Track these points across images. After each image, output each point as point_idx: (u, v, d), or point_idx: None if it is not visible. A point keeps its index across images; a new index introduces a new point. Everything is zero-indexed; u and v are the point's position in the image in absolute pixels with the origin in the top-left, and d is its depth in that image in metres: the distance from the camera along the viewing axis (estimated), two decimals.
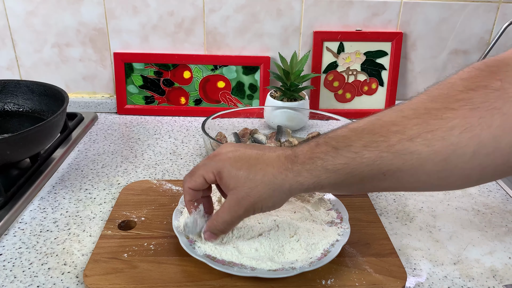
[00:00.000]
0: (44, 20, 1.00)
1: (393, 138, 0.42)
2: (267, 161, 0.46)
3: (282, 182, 0.46)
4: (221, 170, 0.48)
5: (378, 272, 0.54)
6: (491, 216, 0.70)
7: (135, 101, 1.06)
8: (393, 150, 0.42)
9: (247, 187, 0.46)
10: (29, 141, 0.70)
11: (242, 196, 0.47)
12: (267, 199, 0.47)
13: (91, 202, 0.71)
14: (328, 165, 0.44)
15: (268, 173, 0.46)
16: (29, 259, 0.58)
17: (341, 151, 0.44)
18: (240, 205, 0.48)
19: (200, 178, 0.50)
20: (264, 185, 0.46)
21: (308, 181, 0.45)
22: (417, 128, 0.42)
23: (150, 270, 0.54)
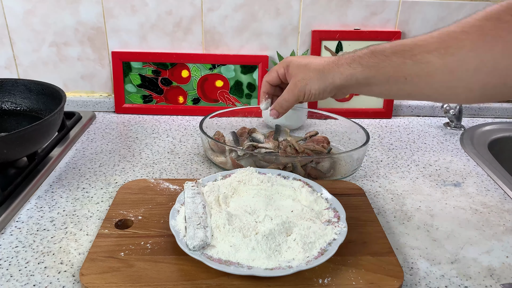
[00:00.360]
0: (43, 19, 1.00)
1: (416, 50, 0.53)
2: (321, 59, 0.62)
3: (328, 70, 0.60)
4: (289, 64, 0.65)
5: (375, 271, 0.54)
6: (489, 215, 0.70)
7: (133, 100, 1.06)
8: (414, 58, 0.53)
9: (303, 73, 0.62)
10: (26, 140, 0.70)
11: (298, 79, 0.63)
12: (315, 83, 0.61)
13: (88, 201, 0.70)
14: (363, 61, 0.57)
15: (319, 65, 0.61)
16: (25, 258, 0.57)
17: (376, 53, 0.56)
18: (296, 85, 0.63)
19: (274, 72, 0.67)
20: (315, 71, 0.61)
21: (347, 71, 0.58)
22: (435, 44, 0.52)
23: (147, 269, 0.53)
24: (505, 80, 0.50)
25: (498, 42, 0.49)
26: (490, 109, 1.10)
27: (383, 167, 0.83)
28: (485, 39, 0.49)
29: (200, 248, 0.53)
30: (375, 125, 1.03)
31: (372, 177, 0.80)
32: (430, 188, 0.77)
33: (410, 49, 0.53)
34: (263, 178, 0.68)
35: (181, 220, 0.59)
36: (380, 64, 0.55)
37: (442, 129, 1.02)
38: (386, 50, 0.55)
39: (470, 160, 0.87)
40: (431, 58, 0.52)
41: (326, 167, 0.78)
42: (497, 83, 0.51)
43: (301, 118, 0.98)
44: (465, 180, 0.80)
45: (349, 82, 0.58)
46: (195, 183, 0.67)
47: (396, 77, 0.54)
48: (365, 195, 0.71)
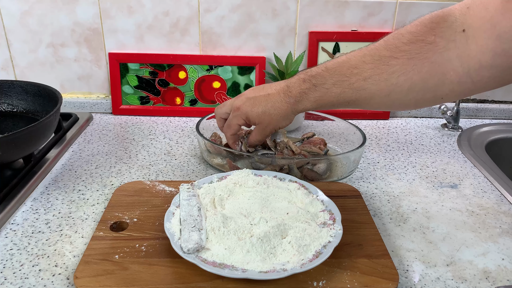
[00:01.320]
0: (39, 20, 1.00)
1: (353, 78, 0.60)
2: (273, 98, 0.69)
3: (286, 109, 0.68)
4: (247, 116, 0.71)
5: (370, 273, 0.54)
6: (485, 217, 0.69)
7: (130, 102, 1.06)
8: (352, 87, 0.60)
9: (267, 120, 0.70)
10: (21, 142, 0.70)
11: (265, 125, 0.71)
12: (281, 121, 0.70)
13: (84, 203, 0.70)
14: (310, 97, 0.65)
15: (277, 107, 0.68)
16: (20, 260, 0.57)
17: (318, 87, 0.64)
18: (265, 129, 0.72)
19: (236, 126, 0.73)
20: (277, 115, 0.69)
21: (300, 107, 0.67)
22: (369, 71, 0.58)
23: (141, 272, 0.53)
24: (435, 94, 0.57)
25: (424, 64, 0.55)
26: (487, 110, 1.10)
27: (379, 169, 0.83)
28: (413, 63, 0.55)
29: (195, 251, 0.53)
30: (372, 126, 1.03)
31: (369, 178, 0.80)
32: (426, 189, 0.77)
33: (348, 78, 0.60)
34: (259, 180, 0.68)
35: (176, 223, 0.59)
36: (324, 97, 0.63)
37: (439, 130, 1.02)
38: (327, 82, 0.62)
39: (467, 162, 0.87)
40: (367, 86, 0.58)
41: (322, 169, 0.77)
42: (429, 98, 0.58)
43: (298, 120, 0.97)
44: (461, 182, 0.80)
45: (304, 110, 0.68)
46: (190, 185, 0.66)
47: (340, 103, 0.63)
48: (361, 196, 0.71)
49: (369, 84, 0.58)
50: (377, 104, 0.61)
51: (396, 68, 0.56)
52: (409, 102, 0.59)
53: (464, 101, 1.10)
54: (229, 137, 0.75)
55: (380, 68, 0.57)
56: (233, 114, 0.72)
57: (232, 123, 0.73)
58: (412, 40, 0.55)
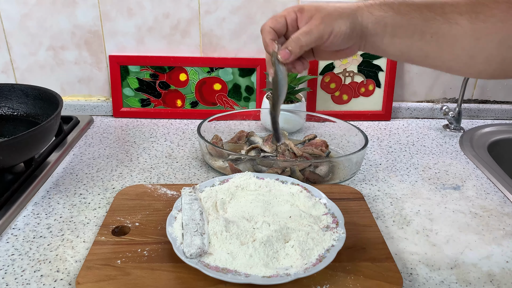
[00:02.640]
0: (39, 23, 1.00)
1: (447, 8, 0.51)
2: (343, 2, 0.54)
3: (357, 9, 0.53)
4: (302, 7, 0.54)
5: (374, 277, 0.54)
6: (489, 219, 0.69)
7: (131, 104, 1.06)
8: (445, 16, 0.50)
9: (330, 9, 0.52)
10: (22, 146, 0.70)
11: (325, 14, 0.52)
12: (345, 20, 0.52)
13: (85, 207, 0.70)
14: (395, 7, 0.52)
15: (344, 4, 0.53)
16: (21, 266, 0.57)
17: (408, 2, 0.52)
18: (323, 21, 0.52)
19: (282, 18, 0.54)
20: (342, 8, 0.53)
21: (377, 12, 0.52)
22: (466, 7, 0.50)
23: (144, 277, 0.53)
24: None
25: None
26: (489, 111, 1.10)
27: (382, 171, 0.83)
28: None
29: (197, 256, 0.53)
30: (373, 128, 1.03)
31: (371, 180, 0.79)
32: (429, 191, 0.76)
33: (441, 6, 0.51)
34: (261, 183, 0.68)
35: (178, 227, 0.58)
36: (411, 14, 0.51)
37: (441, 131, 1.02)
38: (416, 1, 0.52)
39: (469, 163, 0.87)
40: (461, 20, 0.50)
41: (324, 171, 0.77)
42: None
43: (299, 121, 0.97)
44: (464, 183, 0.79)
45: (377, 26, 0.52)
46: (192, 189, 0.66)
47: (423, 31, 0.51)
48: (364, 199, 0.70)
49: (463, 19, 0.49)
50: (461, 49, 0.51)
51: (496, 12, 0.49)
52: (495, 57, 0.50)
53: (465, 102, 1.10)
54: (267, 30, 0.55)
55: (478, 7, 0.49)
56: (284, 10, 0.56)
57: (278, 15, 0.55)
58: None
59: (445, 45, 0.51)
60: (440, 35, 0.51)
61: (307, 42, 0.53)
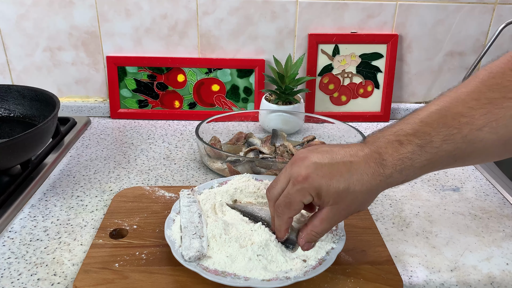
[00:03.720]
0: (36, 24, 0.99)
1: (465, 129, 0.47)
2: (360, 169, 0.49)
3: (377, 187, 0.49)
4: (319, 191, 0.49)
5: (374, 280, 0.53)
6: (488, 220, 0.69)
7: (129, 105, 1.05)
8: (466, 140, 0.47)
9: (348, 200, 0.49)
10: (18, 148, 0.69)
11: (343, 208, 0.50)
12: (364, 204, 0.51)
13: (82, 209, 0.69)
14: (416, 163, 0.48)
15: (365, 182, 0.48)
16: (18, 269, 0.56)
17: (425, 148, 0.47)
18: (340, 215, 0.51)
19: (299, 204, 0.51)
20: (362, 194, 0.49)
21: (398, 180, 0.49)
22: (483, 118, 0.46)
23: (142, 281, 0.52)
24: None
25: None
26: None
27: None
28: None
29: (196, 259, 0.53)
30: (372, 129, 1.02)
31: None
32: (428, 193, 0.76)
33: (458, 130, 0.47)
34: (260, 185, 0.67)
35: (177, 230, 0.58)
36: (433, 159, 0.48)
37: None
38: (434, 139, 0.47)
39: None
40: (484, 135, 0.46)
41: None
42: None
43: (298, 123, 0.97)
44: (463, 185, 0.79)
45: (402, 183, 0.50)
46: (191, 191, 0.66)
47: (448, 162, 0.49)
48: None
49: (485, 134, 0.46)
50: (490, 155, 0.49)
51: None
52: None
53: None
54: (285, 220, 0.52)
55: (495, 113, 0.46)
56: (296, 187, 0.49)
57: (295, 199, 0.50)
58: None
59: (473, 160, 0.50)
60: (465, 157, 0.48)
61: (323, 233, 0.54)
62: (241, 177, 0.69)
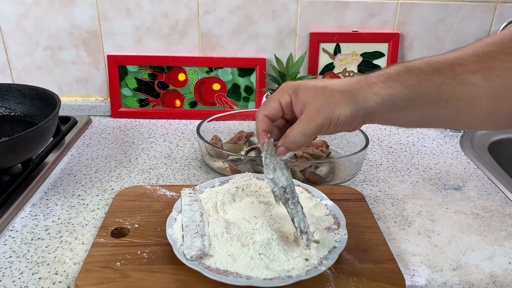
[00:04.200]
0: (36, 23, 0.99)
1: (458, 69, 0.46)
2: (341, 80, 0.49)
3: (358, 91, 0.47)
4: (296, 88, 0.49)
5: (376, 279, 0.53)
6: (490, 219, 0.69)
7: (129, 104, 1.05)
8: (457, 78, 0.45)
9: (326, 96, 0.47)
10: (19, 147, 0.69)
11: (321, 105, 0.47)
12: (345, 107, 0.47)
13: (83, 208, 0.69)
14: (403, 80, 0.46)
15: (344, 84, 0.48)
16: (19, 268, 0.56)
17: (414, 71, 0.47)
18: (319, 113, 0.47)
19: (275, 102, 0.50)
20: (341, 93, 0.47)
21: (383, 91, 0.47)
22: (477, 64, 0.45)
23: (143, 280, 0.52)
24: None
25: None
26: None
27: (382, 171, 0.82)
28: None
29: (198, 258, 0.52)
30: (374, 128, 1.02)
31: (372, 181, 0.79)
32: (430, 192, 0.76)
33: (450, 67, 0.46)
34: (261, 184, 0.67)
35: (178, 229, 0.58)
36: (422, 83, 0.46)
37: (441, 131, 1.01)
38: (423, 67, 0.47)
39: (470, 163, 0.86)
40: (476, 80, 0.45)
41: (325, 172, 0.77)
42: None
43: None
44: (465, 184, 0.79)
45: (385, 105, 0.47)
46: (192, 190, 0.65)
47: (437, 99, 0.47)
48: (365, 200, 0.70)
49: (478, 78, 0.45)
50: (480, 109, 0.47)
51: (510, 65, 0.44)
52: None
53: None
54: (260, 119, 0.51)
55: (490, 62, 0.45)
56: (279, 88, 0.51)
57: (272, 97, 0.50)
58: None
59: (462, 108, 0.47)
60: (455, 99, 0.46)
61: (305, 140, 0.49)
62: (243, 176, 0.69)
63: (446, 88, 0.46)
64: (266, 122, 0.51)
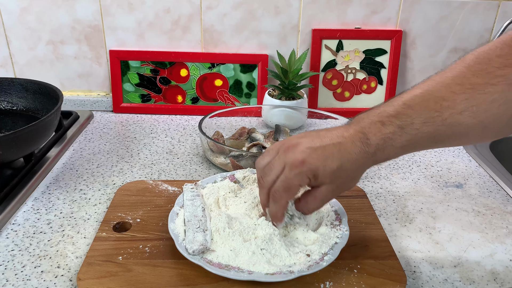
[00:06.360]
0: (38, 17, 0.99)
1: (445, 113, 0.49)
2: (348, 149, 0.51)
3: (365, 163, 0.52)
4: (316, 173, 0.51)
5: (377, 275, 0.53)
6: (492, 217, 0.69)
7: (131, 100, 1.05)
8: (446, 123, 0.49)
9: (342, 178, 0.52)
10: (22, 141, 0.69)
11: (337, 185, 0.53)
12: (354, 181, 0.54)
13: (85, 203, 0.69)
14: (397, 144, 0.50)
15: (354, 161, 0.51)
16: (21, 261, 0.56)
17: (406, 129, 0.50)
18: (334, 193, 0.53)
19: (297, 188, 0.53)
20: (353, 171, 0.52)
21: (381, 158, 0.52)
22: (464, 103, 0.48)
23: (145, 274, 0.53)
24: None
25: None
26: None
27: (384, 168, 0.83)
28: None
29: (200, 253, 0.53)
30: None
31: (374, 178, 0.79)
32: (432, 189, 0.76)
33: (439, 113, 0.49)
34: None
35: (180, 223, 0.58)
36: (413, 140, 0.50)
37: None
38: (415, 121, 0.49)
39: (472, 161, 0.86)
40: (464, 120, 0.48)
41: None
42: None
43: (301, 118, 0.97)
44: (467, 181, 0.79)
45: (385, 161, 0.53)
46: (194, 185, 0.65)
47: (428, 143, 0.51)
48: (367, 196, 0.70)
49: (465, 118, 0.48)
50: (472, 138, 0.52)
51: (496, 96, 0.47)
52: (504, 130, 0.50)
53: None
54: (283, 205, 0.53)
55: (476, 98, 0.48)
56: (294, 171, 0.51)
57: (293, 183, 0.51)
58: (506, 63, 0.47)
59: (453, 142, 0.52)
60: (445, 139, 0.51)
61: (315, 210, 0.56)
62: (244, 172, 0.69)
63: (437, 135, 0.50)
64: (286, 207, 0.55)
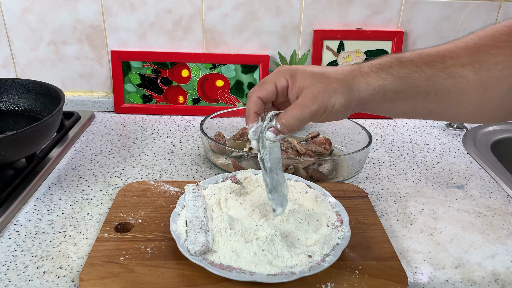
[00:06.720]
0: (40, 18, 0.99)
1: (448, 62, 0.47)
2: (337, 68, 0.50)
3: (353, 80, 0.49)
4: (294, 73, 0.49)
5: (378, 276, 0.53)
6: (493, 218, 0.69)
7: (133, 100, 1.05)
8: (447, 71, 0.47)
9: (323, 83, 0.48)
10: (24, 141, 0.69)
11: (318, 91, 0.48)
12: (341, 96, 0.48)
13: (87, 203, 0.69)
14: (394, 71, 0.48)
15: (339, 73, 0.49)
16: (24, 262, 0.57)
17: (405, 63, 0.48)
18: (315, 100, 0.48)
19: (271, 85, 0.50)
20: (337, 82, 0.48)
21: (375, 82, 0.48)
22: (468, 57, 0.47)
23: (147, 274, 0.53)
24: None
25: None
26: None
27: (385, 169, 0.83)
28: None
29: (202, 253, 0.53)
30: (376, 126, 1.02)
31: (375, 179, 0.79)
32: (433, 190, 0.76)
33: (441, 60, 0.47)
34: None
35: (182, 224, 0.58)
36: (412, 75, 0.48)
37: (444, 129, 1.01)
38: (415, 59, 0.48)
39: (473, 162, 0.86)
40: (466, 73, 0.46)
41: (328, 169, 0.77)
42: None
43: None
44: (468, 182, 0.79)
45: (376, 95, 0.49)
46: (196, 186, 0.66)
47: (426, 91, 0.48)
48: (368, 197, 0.70)
49: (468, 71, 0.46)
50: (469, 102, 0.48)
51: (500, 58, 0.45)
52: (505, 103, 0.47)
53: None
54: (253, 100, 0.51)
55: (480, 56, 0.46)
56: (275, 71, 0.51)
57: (268, 79, 0.50)
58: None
59: (451, 101, 0.49)
60: (445, 92, 0.48)
61: (299, 125, 0.50)
62: (246, 173, 0.69)
63: (436, 80, 0.47)
64: (259, 104, 0.51)
